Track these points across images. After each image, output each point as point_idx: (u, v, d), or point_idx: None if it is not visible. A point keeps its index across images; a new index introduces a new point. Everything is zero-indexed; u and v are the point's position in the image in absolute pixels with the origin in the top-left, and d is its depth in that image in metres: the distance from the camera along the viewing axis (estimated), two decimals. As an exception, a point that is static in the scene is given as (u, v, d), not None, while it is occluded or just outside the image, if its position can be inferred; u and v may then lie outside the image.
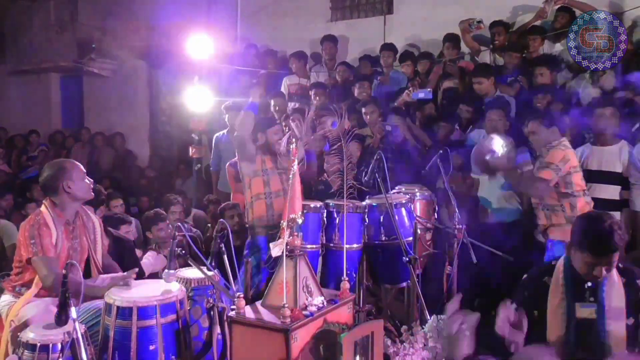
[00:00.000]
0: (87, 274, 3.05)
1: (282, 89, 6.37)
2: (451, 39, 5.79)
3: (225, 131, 5.92)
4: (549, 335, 2.44)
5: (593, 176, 4.05)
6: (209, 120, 6.30)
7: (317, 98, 5.79)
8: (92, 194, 3.11)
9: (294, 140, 2.76)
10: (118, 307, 2.60)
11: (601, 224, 2.38)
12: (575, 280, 2.47)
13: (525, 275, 2.62)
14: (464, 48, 5.87)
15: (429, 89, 5.30)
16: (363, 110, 5.32)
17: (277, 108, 5.93)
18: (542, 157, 3.78)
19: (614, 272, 2.47)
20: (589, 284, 2.46)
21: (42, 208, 2.99)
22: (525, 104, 4.62)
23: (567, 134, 4.10)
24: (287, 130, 5.12)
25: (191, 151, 6.09)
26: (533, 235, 4.14)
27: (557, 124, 3.82)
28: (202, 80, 6.06)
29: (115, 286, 2.78)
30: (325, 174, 4.62)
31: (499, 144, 3.69)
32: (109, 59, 8.61)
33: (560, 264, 2.53)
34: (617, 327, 2.41)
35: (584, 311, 2.44)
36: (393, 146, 4.90)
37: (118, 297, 2.64)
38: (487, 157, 3.65)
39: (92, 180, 3.11)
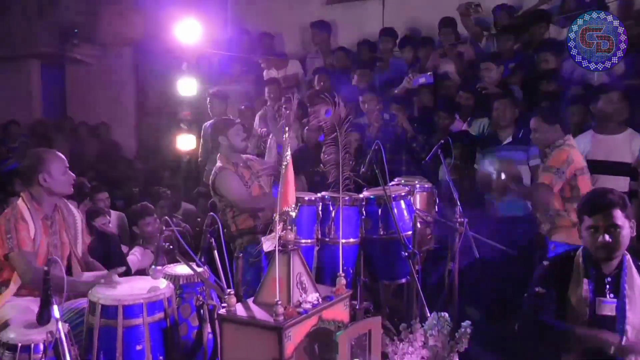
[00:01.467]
0: (68, 272, 3.04)
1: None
2: (448, 24, 5.76)
3: (211, 120, 5.90)
4: (569, 321, 2.48)
5: (599, 167, 4.03)
6: (198, 110, 6.28)
7: (322, 84, 5.78)
8: (72, 189, 3.09)
9: (286, 129, 2.75)
10: (103, 306, 2.59)
11: (598, 189, 2.51)
12: (596, 274, 2.50)
13: (546, 262, 2.65)
14: (462, 32, 5.84)
15: (429, 73, 5.28)
16: (360, 98, 5.31)
17: (271, 95, 5.93)
18: (547, 158, 3.78)
19: (633, 268, 2.50)
20: (609, 278, 2.50)
21: (19, 201, 2.97)
22: (531, 92, 4.61)
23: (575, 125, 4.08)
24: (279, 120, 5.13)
25: (179, 142, 6.07)
26: (542, 235, 4.15)
27: (562, 118, 3.79)
28: (192, 67, 6.04)
29: (100, 284, 2.77)
30: (321, 165, 4.62)
31: (496, 166, 3.72)
32: (92, 44, 8.55)
33: (579, 256, 2.56)
34: (637, 322, 2.45)
35: (605, 307, 2.48)
36: (392, 136, 4.89)
37: (102, 295, 2.63)
38: (492, 180, 3.68)
39: (73, 175, 3.09)
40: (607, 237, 2.46)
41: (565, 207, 3.70)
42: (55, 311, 2.32)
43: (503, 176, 3.70)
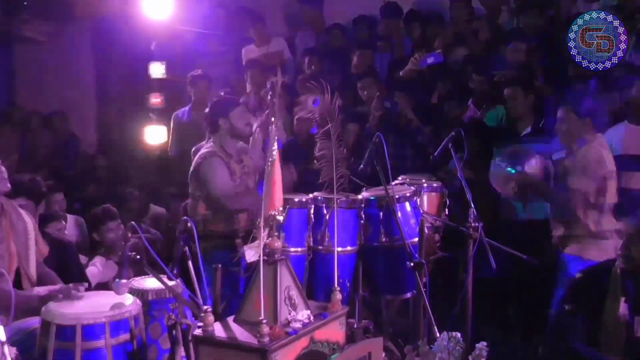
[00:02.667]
0: (16, 286, 3.01)
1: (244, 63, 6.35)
2: None
3: (187, 107, 5.89)
4: (603, 345, 2.48)
5: (634, 162, 4.06)
6: (170, 97, 6.26)
7: (313, 67, 5.77)
8: (8, 186, 3.05)
9: (272, 120, 2.75)
10: (58, 326, 2.58)
11: None
12: (635, 291, 2.50)
13: (579, 275, 2.64)
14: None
15: (438, 52, 5.28)
16: (359, 84, 5.31)
17: (253, 80, 5.91)
18: (573, 156, 3.79)
19: None
20: None
21: None
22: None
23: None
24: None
25: (147, 134, 6.06)
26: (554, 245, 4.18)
27: (594, 111, 3.80)
28: (162, 47, 6.02)
29: (54, 299, 2.76)
30: (314, 162, 4.61)
31: (518, 162, 3.74)
32: (45, 20, 8.48)
33: (617, 269, 2.56)
34: None
35: None
36: (395, 127, 4.90)
37: (57, 313, 2.62)
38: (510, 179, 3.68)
39: (4, 170, 3.04)
40: None
41: (585, 214, 3.72)
42: (1, 333, 2.30)
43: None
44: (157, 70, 6.16)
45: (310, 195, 3.68)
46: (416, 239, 3.58)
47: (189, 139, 5.27)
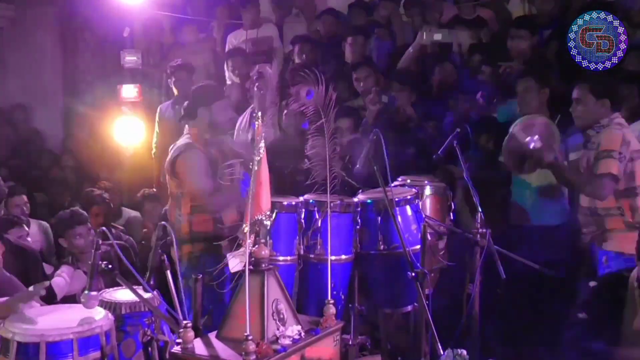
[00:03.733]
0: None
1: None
2: None
3: (170, 102, 5.89)
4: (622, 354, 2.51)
5: None
6: (145, 88, 6.25)
7: (304, 56, 5.77)
8: None
9: (258, 114, 2.75)
10: (19, 343, 2.57)
11: None
12: None
13: (592, 283, 2.66)
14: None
15: (447, 30, 5.31)
16: (354, 75, 5.32)
17: (236, 72, 5.90)
18: (592, 142, 3.81)
19: None
20: None
21: None
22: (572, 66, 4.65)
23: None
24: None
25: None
26: (583, 244, 4.20)
27: (613, 93, 3.84)
28: (136, 34, 6.01)
29: (15, 310, 2.75)
30: (306, 161, 4.62)
31: (535, 131, 3.74)
32: (4, 2, 8.44)
33: (633, 278, 2.58)
34: None
35: None
36: (394, 123, 4.92)
37: (18, 329, 2.61)
38: (524, 149, 3.70)
39: None
40: None
41: (618, 203, 3.73)
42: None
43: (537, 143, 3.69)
44: (131, 59, 6.15)
45: (301, 198, 3.68)
46: (418, 247, 3.58)
47: (174, 137, 5.27)
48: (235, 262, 2.74)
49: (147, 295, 2.78)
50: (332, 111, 3.06)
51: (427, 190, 4.01)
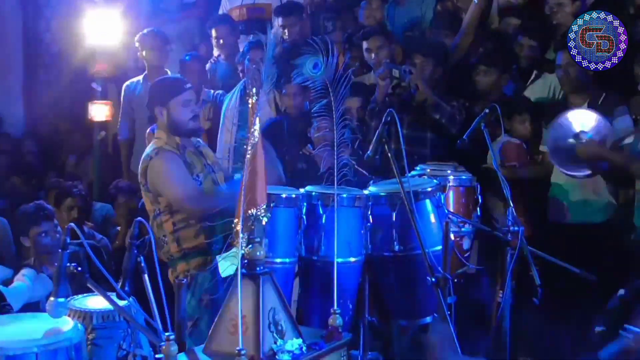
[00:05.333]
0: None
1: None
2: None
3: (140, 77, 5.89)
4: None
5: None
6: (118, 63, 6.25)
7: (288, 33, 5.72)
8: None
9: (253, 91, 2.75)
10: (-25, 358, 2.58)
11: None
12: None
13: (622, 292, 2.67)
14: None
15: None
16: (365, 45, 5.30)
17: (221, 42, 5.90)
18: None
19: None
20: None
21: None
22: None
23: None
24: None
25: (92, 111, 6.05)
26: (632, 244, 4.20)
27: None
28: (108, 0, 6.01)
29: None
30: (308, 147, 4.62)
31: (585, 120, 3.75)
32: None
33: None
34: None
35: None
36: (411, 103, 4.91)
37: (-26, 341, 2.61)
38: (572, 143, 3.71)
39: None
40: None
41: None
42: None
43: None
44: (102, 29, 6.13)
45: (302, 190, 3.69)
46: (439, 248, 3.60)
47: (143, 117, 5.27)
48: (225, 265, 2.75)
49: (122, 303, 2.78)
50: (344, 87, 3.04)
51: (451, 182, 4.03)
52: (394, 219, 3.63)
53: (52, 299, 2.72)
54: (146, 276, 2.96)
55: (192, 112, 3.92)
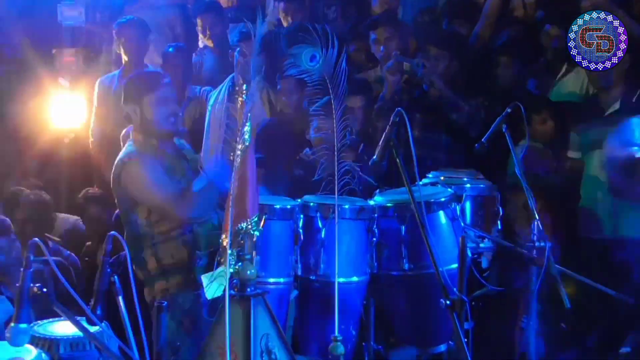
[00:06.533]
0: None
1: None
2: None
3: (117, 72, 5.89)
4: None
5: None
6: (91, 53, 6.26)
7: (290, 18, 5.76)
8: None
9: (243, 86, 2.76)
10: None
11: None
12: None
13: None
14: None
15: None
16: (372, 35, 5.32)
17: (207, 33, 5.91)
18: None
19: None
20: None
21: None
22: None
23: None
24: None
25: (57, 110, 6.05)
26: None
27: None
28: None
29: None
30: (306, 151, 4.62)
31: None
32: None
33: None
34: None
35: None
36: (423, 99, 4.92)
37: None
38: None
39: None
40: None
41: None
42: None
43: None
44: (71, 15, 6.15)
45: (299, 200, 3.70)
46: (455, 266, 3.59)
47: (118, 118, 5.26)
48: (212, 286, 2.74)
49: (93, 329, 2.78)
50: (342, 80, 3.05)
51: (468, 191, 4.03)
52: (403, 234, 3.64)
53: (12, 324, 2.72)
54: (121, 298, 2.95)
55: (170, 111, 3.93)
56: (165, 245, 3.84)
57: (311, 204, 3.65)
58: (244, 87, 2.79)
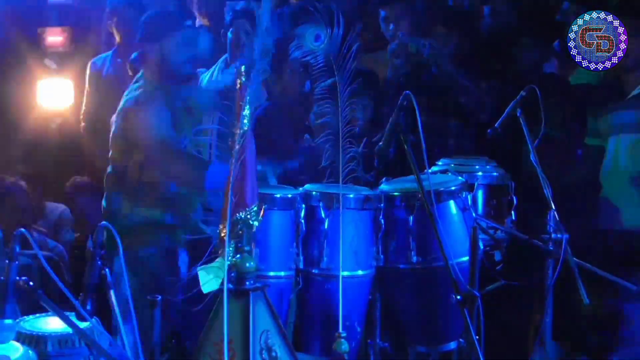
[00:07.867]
0: None
1: None
2: None
3: (110, 54, 5.90)
4: None
5: None
6: (79, 33, 6.25)
7: None
8: None
9: (242, 69, 2.76)
10: None
11: None
12: None
13: None
14: None
15: None
16: (382, 13, 5.30)
17: (203, 11, 5.91)
18: None
19: None
20: None
21: None
22: None
23: None
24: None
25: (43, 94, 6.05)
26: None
27: None
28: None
29: None
30: (307, 136, 4.62)
31: None
32: None
33: None
34: None
35: None
36: (432, 83, 4.91)
37: None
38: None
39: None
40: None
41: None
42: None
43: None
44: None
45: (301, 189, 3.71)
46: (466, 259, 3.60)
47: (112, 103, 5.27)
48: (208, 279, 2.75)
49: (83, 325, 2.80)
50: (352, 64, 3.06)
51: (479, 179, 4.04)
52: (411, 225, 3.64)
53: (-2, 320, 2.74)
54: (112, 293, 2.96)
55: (187, 54, 3.97)
56: (147, 173, 3.93)
57: (314, 193, 3.65)
58: (242, 68, 2.78)
